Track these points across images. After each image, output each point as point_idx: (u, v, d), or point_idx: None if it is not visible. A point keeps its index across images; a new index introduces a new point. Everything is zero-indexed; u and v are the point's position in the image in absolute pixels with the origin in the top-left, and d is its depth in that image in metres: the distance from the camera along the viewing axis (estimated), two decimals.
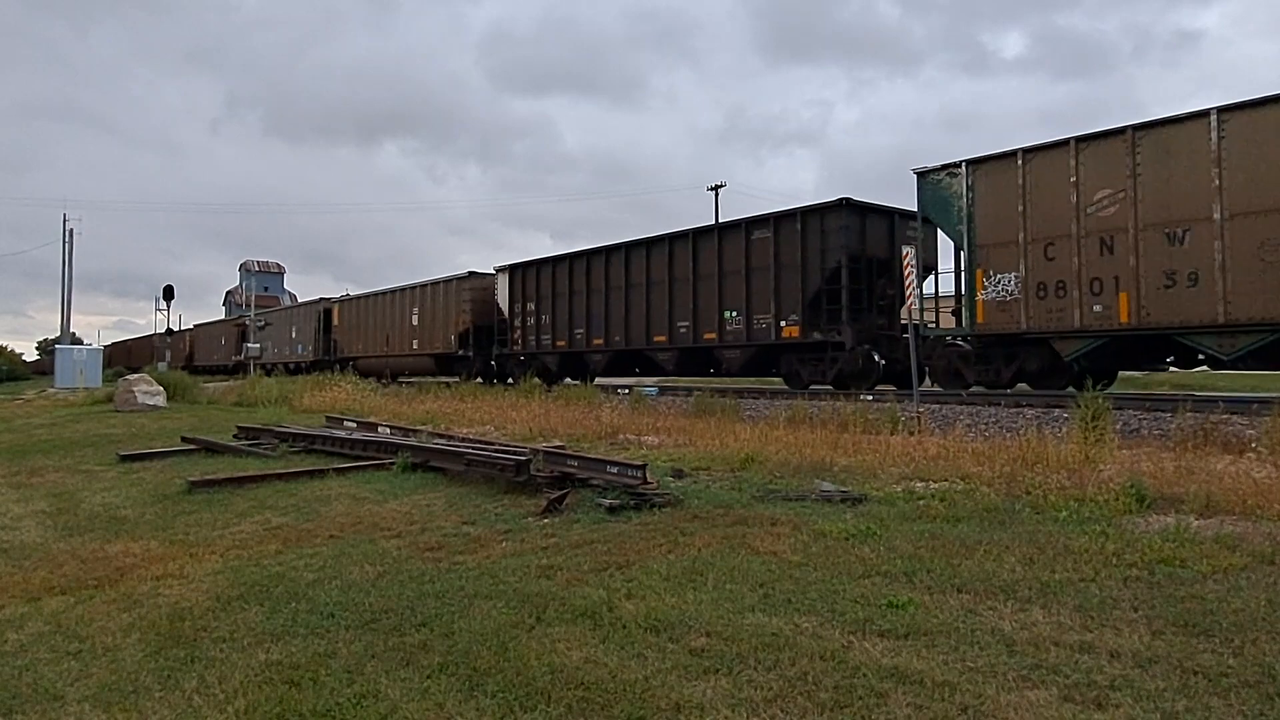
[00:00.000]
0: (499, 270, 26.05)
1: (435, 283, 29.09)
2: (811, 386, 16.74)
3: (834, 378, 16.32)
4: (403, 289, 31.39)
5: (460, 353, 27.30)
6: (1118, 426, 9.46)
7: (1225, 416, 9.13)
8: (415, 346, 29.93)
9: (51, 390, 32.14)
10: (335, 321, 36.81)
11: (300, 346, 39.81)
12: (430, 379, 28.78)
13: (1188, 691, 2.95)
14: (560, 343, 23.10)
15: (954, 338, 14.93)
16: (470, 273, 27.63)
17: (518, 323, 25.00)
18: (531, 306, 24.49)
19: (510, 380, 25.46)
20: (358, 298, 35.18)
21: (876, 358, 16.14)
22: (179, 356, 56.40)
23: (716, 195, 43.57)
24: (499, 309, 25.99)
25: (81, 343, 55.70)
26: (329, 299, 38.24)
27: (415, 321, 30.03)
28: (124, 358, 67.79)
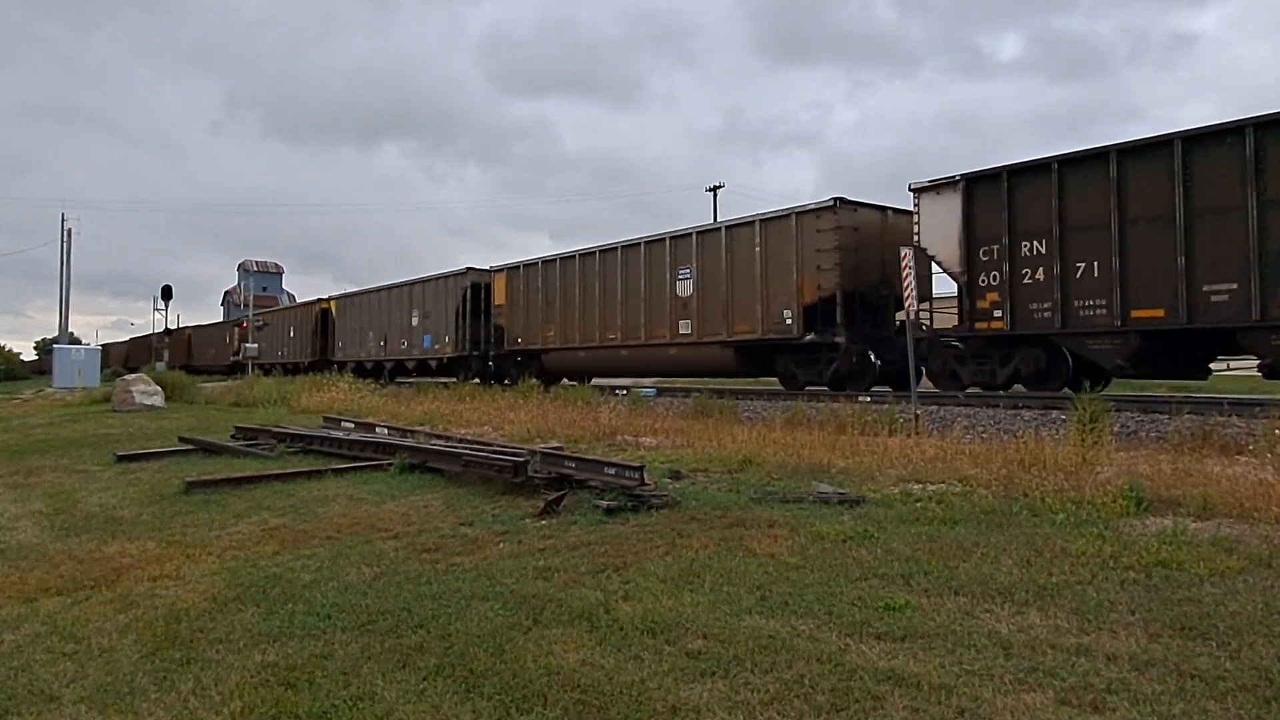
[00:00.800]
0: (925, 189, 14.47)
1: (738, 225, 17.93)
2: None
3: None
4: (649, 241, 19.95)
5: (807, 338, 16.19)
6: (1115, 428, 9.47)
7: (1224, 419, 9.13)
8: (685, 332, 18.80)
9: (49, 390, 32.12)
10: (499, 299, 25.13)
11: (427, 338, 27.99)
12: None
13: (1184, 695, 2.95)
14: (1153, 311, 11.61)
15: None
16: (838, 200, 15.96)
17: (989, 279, 13.45)
18: (1035, 248, 12.88)
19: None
20: (545, 261, 23.55)
21: None
22: (224, 352, 49.76)
23: (715, 196, 43.44)
24: (925, 259, 14.45)
25: (80, 343, 55.67)
26: (480, 269, 26.73)
27: (686, 291, 18.89)
28: (143, 355, 61.08)
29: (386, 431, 12.09)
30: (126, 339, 79.45)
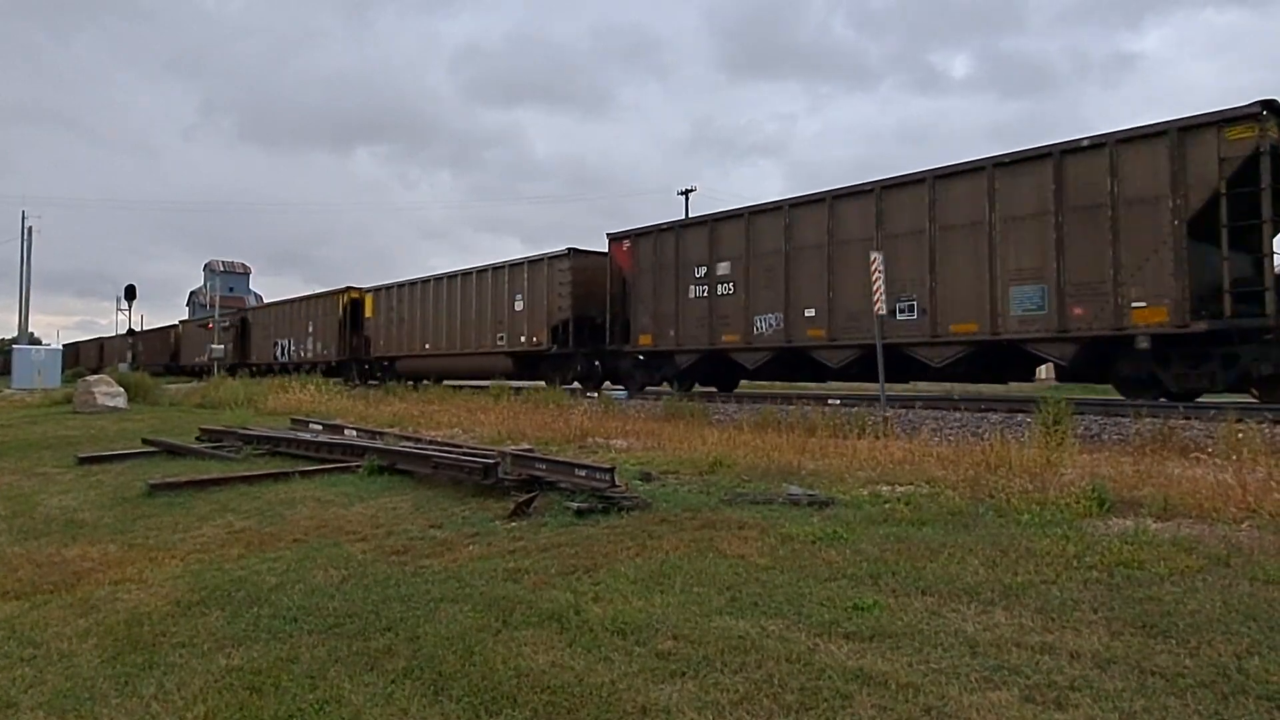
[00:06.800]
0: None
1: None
2: None
3: None
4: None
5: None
6: (1079, 431, 9.61)
7: (1182, 422, 9.31)
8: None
9: (8, 391, 31.38)
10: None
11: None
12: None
13: (1145, 692, 3.00)
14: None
15: None
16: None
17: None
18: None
19: None
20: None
21: None
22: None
23: (687, 199, 44.13)
24: None
25: (40, 343, 54.32)
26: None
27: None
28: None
29: (355, 433, 11.96)
30: (147, 329, 70.59)
